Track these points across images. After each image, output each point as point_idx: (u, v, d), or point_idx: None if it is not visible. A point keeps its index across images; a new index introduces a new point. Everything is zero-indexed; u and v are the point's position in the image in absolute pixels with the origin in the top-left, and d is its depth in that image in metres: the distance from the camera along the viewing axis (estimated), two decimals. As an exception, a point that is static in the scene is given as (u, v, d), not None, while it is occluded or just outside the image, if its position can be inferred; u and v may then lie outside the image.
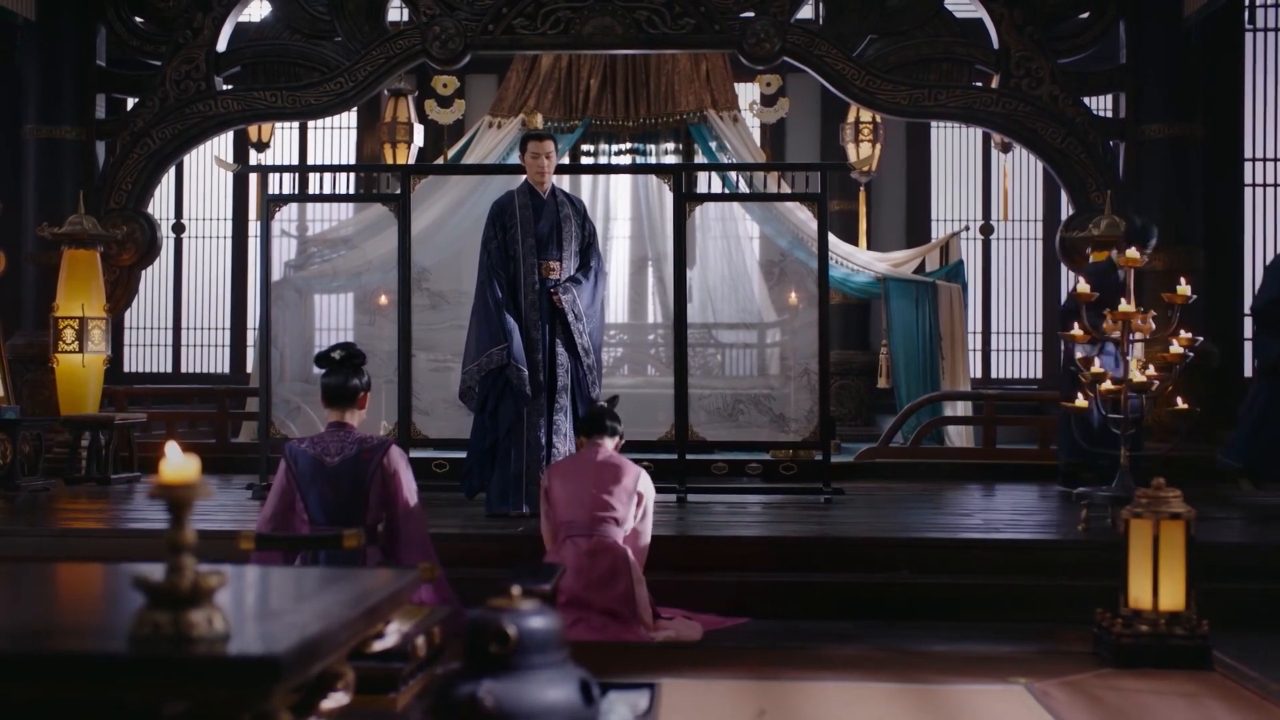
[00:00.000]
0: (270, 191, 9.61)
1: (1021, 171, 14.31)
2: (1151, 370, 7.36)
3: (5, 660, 2.59)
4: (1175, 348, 7.27)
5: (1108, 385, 7.38)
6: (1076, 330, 7.51)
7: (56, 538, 7.43)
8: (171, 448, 2.76)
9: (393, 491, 5.89)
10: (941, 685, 4.49)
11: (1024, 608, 6.61)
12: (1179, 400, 7.45)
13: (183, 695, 2.56)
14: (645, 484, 6.56)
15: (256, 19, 12.37)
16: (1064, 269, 14.08)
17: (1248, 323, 11.61)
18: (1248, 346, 11.60)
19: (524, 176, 8.50)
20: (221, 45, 11.16)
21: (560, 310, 8.10)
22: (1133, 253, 7.51)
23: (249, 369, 14.29)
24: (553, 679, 2.93)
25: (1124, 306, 7.26)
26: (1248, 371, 11.54)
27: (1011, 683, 4.54)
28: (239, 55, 11.37)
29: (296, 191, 10.28)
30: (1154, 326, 7.40)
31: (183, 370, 14.73)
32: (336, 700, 3.33)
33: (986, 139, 14.35)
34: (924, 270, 12.86)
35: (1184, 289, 7.28)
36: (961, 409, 11.72)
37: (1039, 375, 14.43)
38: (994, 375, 14.36)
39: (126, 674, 2.55)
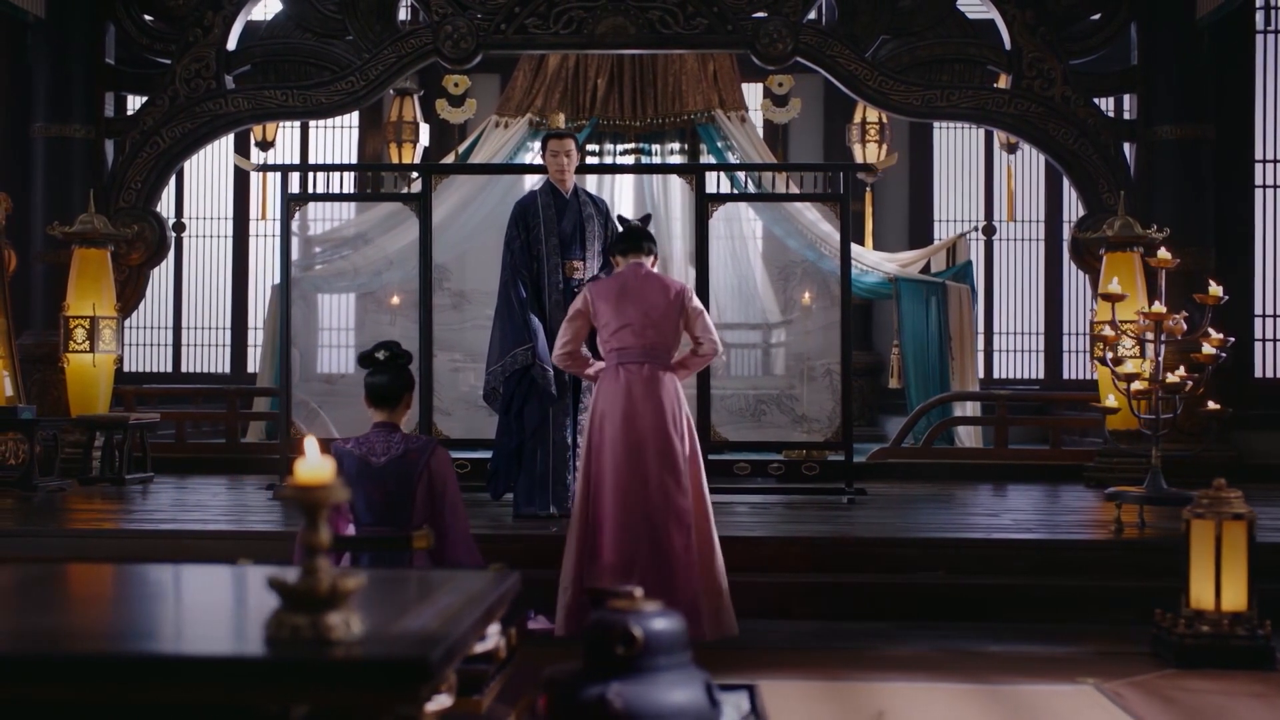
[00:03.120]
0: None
1: (1024, 172, 14.34)
2: (1181, 371, 7.38)
3: (143, 663, 2.56)
4: (1207, 348, 7.28)
5: (1139, 385, 7.39)
6: (1107, 331, 7.52)
7: (85, 539, 7.38)
8: (310, 444, 2.73)
9: (439, 491, 5.85)
10: (1013, 686, 4.50)
11: (1062, 608, 6.63)
12: (1210, 402, 7.45)
13: (326, 698, 2.53)
14: (691, 294, 6.51)
15: (266, 18, 12.28)
16: (1065, 269, 14.17)
17: (1258, 324, 11.66)
18: (1258, 348, 11.66)
19: (545, 176, 8.48)
20: (232, 44, 11.11)
21: None
22: (1164, 253, 7.53)
23: (250, 369, 14.26)
24: (677, 680, 2.92)
25: (1155, 307, 7.28)
26: (1258, 372, 11.60)
27: (1080, 683, 4.55)
28: (249, 54, 11.32)
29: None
30: (1185, 327, 7.42)
31: (183, 370, 14.65)
32: (439, 703, 3.32)
33: (989, 139, 14.38)
34: (928, 271, 12.89)
35: (1215, 290, 7.30)
36: (971, 409, 11.73)
37: (1041, 375, 14.46)
38: (996, 376, 14.37)
39: (268, 677, 2.52)
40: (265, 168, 11.68)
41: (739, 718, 3.35)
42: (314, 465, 2.71)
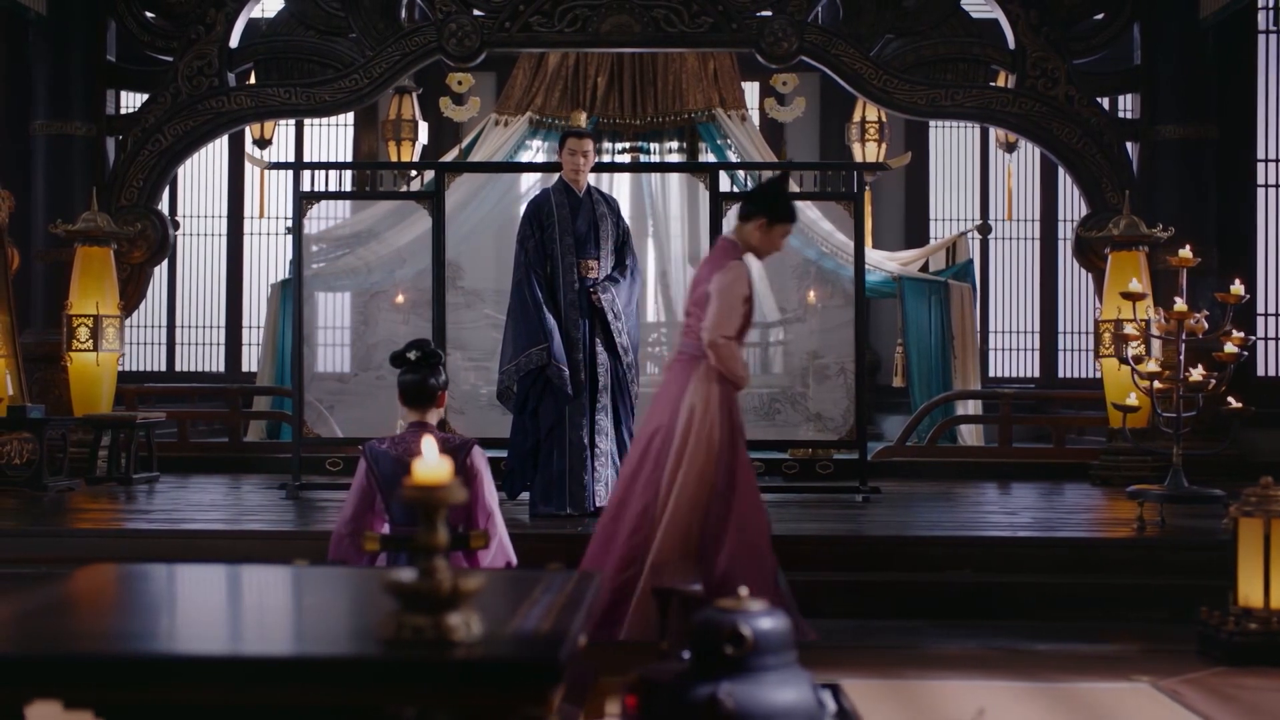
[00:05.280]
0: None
1: (1019, 171, 14.37)
2: (1201, 369, 7.41)
3: (267, 665, 2.54)
4: (1230, 347, 7.31)
5: (1159, 385, 7.42)
6: (1129, 329, 7.54)
7: (105, 538, 7.29)
8: (428, 445, 2.71)
9: (475, 492, 5.81)
10: (1070, 684, 4.50)
11: (1093, 606, 6.64)
12: (1231, 400, 7.49)
13: (454, 700, 2.51)
14: (725, 270, 5.75)
15: (264, 14, 12.22)
16: (1061, 268, 14.23)
17: (1260, 323, 11.75)
18: (1260, 346, 11.74)
19: (556, 174, 8.43)
20: (234, 41, 11.07)
21: (600, 310, 8.02)
22: (1185, 252, 7.56)
23: (245, 368, 14.20)
24: (785, 680, 2.91)
25: (1179, 306, 7.31)
26: (1260, 371, 11.66)
27: (1135, 681, 4.56)
28: (252, 51, 11.28)
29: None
30: (1206, 326, 7.45)
31: (177, 369, 14.57)
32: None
33: (984, 138, 14.42)
34: (926, 269, 12.90)
35: (1237, 288, 7.33)
36: (972, 408, 11.76)
37: (1036, 374, 14.50)
38: (991, 374, 14.39)
39: (398, 679, 2.50)
40: (278, 166, 11.58)
41: (828, 717, 3.33)
42: (432, 465, 2.68)
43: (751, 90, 13.92)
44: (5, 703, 2.60)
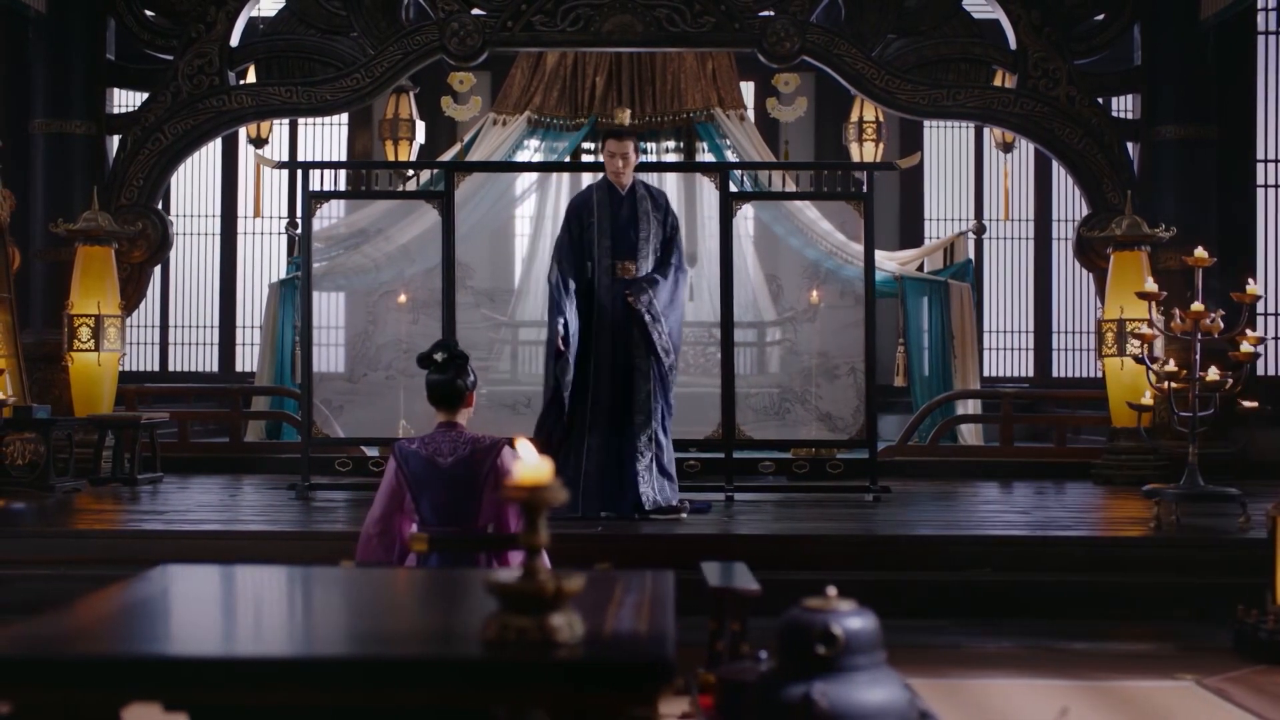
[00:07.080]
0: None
1: (1013, 171, 14.39)
2: (1216, 370, 7.44)
3: (379, 667, 2.53)
4: (1246, 346, 7.35)
5: (1175, 384, 7.44)
6: (1145, 329, 7.57)
7: (126, 539, 7.25)
8: (524, 447, 2.70)
9: (506, 492, 5.78)
10: (1114, 682, 4.51)
11: (1115, 605, 6.66)
12: (1245, 401, 7.52)
13: (563, 701, 2.50)
14: None
15: (270, 13, 12.15)
16: (1055, 268, 14.28)
17: (1260, 322, 11.80)
18: (1260, 346, 11.79)
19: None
20: (234, 40, 11.02)
21: (636, 313, 7.84)
22: (1200, 252, 7.59)
23: (239, 368, 14.15)
24: (876, 679, 2.91)
25: (1195, 306, 7.34)
26: (1261, 370, 11.71)
27: (1179, 679, 4.57)
28: (253, 50, 11.24)
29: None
30: (1222, 325, 7.48)
31: (170, 369, 14.49)
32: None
33: (979, 138, 14.45)
34: (923, 269, 12.91)
35: (1253, 288, 7.36)
36: (972, 407, 11.78)
37: (1030, 374, 14.53)
38: (986, 374, 14.39)
39: (501, 680, 2.49)
40: (288, 165, 11.52)
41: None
42: (533, 466, 2.68)
43: (748, 89, 13.91)
44: (103, 706, 2.58)
